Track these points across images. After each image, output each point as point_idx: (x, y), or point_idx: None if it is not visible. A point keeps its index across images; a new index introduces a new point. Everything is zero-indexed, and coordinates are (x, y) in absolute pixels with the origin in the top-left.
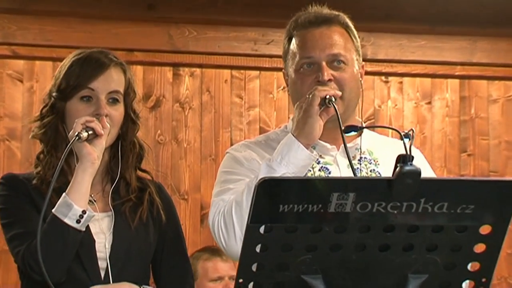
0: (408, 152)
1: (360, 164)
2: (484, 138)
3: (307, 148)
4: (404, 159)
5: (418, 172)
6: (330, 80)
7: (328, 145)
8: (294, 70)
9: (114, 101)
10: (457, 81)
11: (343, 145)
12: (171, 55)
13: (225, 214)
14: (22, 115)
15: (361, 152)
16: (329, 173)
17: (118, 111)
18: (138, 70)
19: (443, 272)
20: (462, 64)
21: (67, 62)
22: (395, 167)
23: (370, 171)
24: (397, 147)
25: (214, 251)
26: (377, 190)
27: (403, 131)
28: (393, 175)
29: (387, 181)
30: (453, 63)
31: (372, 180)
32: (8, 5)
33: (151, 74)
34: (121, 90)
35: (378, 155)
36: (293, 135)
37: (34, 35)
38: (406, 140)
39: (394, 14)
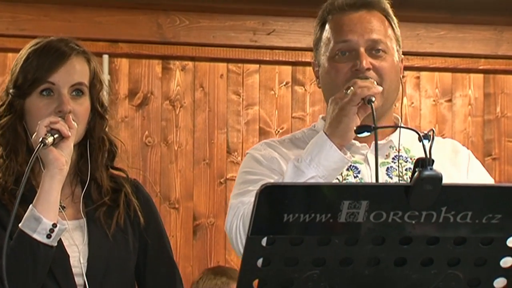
0: (428, 155)
1: (394, 163)
2: (510, 140)
3: (340, 149)
4: (423, 163)
5: (438, 178)
6: (369, 68)
7: (357, 142)
8: (327, 58)
9: (78, 93)
10: (481, 76)
11: (374, 142)
12: (160, 47)
13: (244, 218)
14: None
15: (396, 149)
16: (358, 172)
17: (83, 106)
18: (123, 63)
19: None
20: (486, 57)
21: (23, 53)
22: (413, 171)
23: (406, 169)
24: (440, 146)
25: (217, 272)
26: (393, 198)
27: (422, 132)
28: (411, 180)
29: (404, 187)
30: (476, 55)
31: (387, 187)
32: None
33: (138, 68)
34: (86, 81)
35: (416, 153)
36: (325, 133)
37: (6, 24)
38: (426, 142)
39: (410, 1)
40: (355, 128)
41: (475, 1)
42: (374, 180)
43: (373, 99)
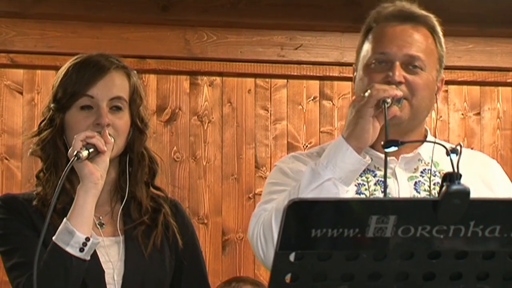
0: (456, 170)
1: (423, 177)
2: None
3: (358, 152)
4: (451, 177)
5: (467, 192)
6: (400, 82)
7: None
8: (364, 65)
9: (117, 108)
10: (509, 89)
11: (403, 155)
12: (187, 63)
13: (264, 224)
14: (22, 131)
15: (425, 163)
16: (386, 187)
17: (122, 120)
18: (151, 79)
19: None
20: None
21: (64, 68)
22: (441, 186)
23: (434, 184)
24: (469, 159)
25: (240, 281)
26: (421, 212)
27: (450, 146)
28: (439, 195)
29: (432, 202)
30: (505, 68)
31: (415, 202)
32: (6, 8)
33: (166, 84)
34: (125, 96)
35: (445, 166)
36: (342, 136)
37: (35, 41)
38: (453, 156)
39: (438, 15)
40: (382, 142)
41: (503, 14)
42: (401, 195)
43: (388, 100)
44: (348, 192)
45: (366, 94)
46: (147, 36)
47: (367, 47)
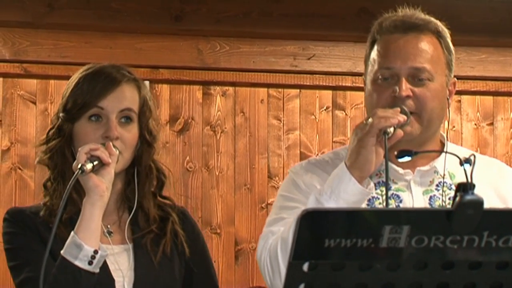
0: (470, 180)
1: (438, 190)
2: None
3: (360, 182)
4: (464, 188)
5: (480, 202)
6: (408, 96)
7: (400, 169)
8: (371, 80)
9: (127, 120)
10: None
11: (419, 168)
12: (200, 73)
13: (271, 251)
14: (35, 141)
15: (441, 176)
16: (400, 201)
17: (131, 133)
18: (164, 89)
19: None
20: None
21: (75, 78)
22: (454, 196)
23: (449, 198)
24: (486, 167)
25: None
26: (435, 223)
27: (463, 156)
28: (452, 205)
29: (445, 212)
30: None
31: (429, 212)
32: (20, 18)
33: (179, 94)
34: (135, 108)
35: (461, 178)
36: (345, 165)
37: (48, 51)
38: (467, 166)
39: (451, 25)
40: (395, 152)
41: None
42: None
43: (389, 130)
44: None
45: (369, 121)
46: (160, 46)
47: (373, 59)
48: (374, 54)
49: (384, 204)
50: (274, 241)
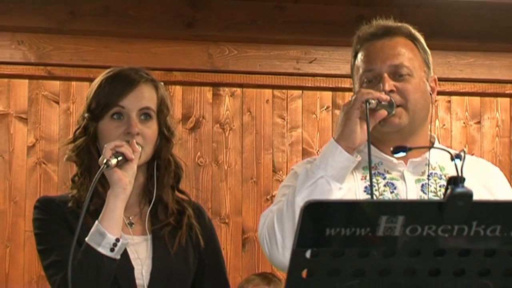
0: (460, 174)
1: (429, 180)
2: None
3: (349, 151)
4: (455, 181)
5: (470, 194)
6: (392, 91)
7: (394, 159)
8: (358, 85)
9: (146, 118)
10: (507, 99)
11: (411, 160)
12: (210, 75)
13: (268, 225)
14: (58, 138)
15: (432, 167)
16: (395, 188)
17: (151, 129)
18: (177, 90)
19: None
20: None
21: (97, 81)
22: (446, 189)
23: (440, 186)
24: (473, 164)
25: (265, 278)
26: (428, 213)
27: (454, 152)
28: (444, 197)
29: (437, 203)
30: (503, 81)
31: (422, 203)
32: (44, 24)
33: (191, 95)
34: (153, 107)
35: (450, 171)
36: (333, 139)
37: (70, 55)
38: (457, 161)
39: (441, 31)
40: (391, 148)
41: (502, 31)
42: (409, 196)
43: (372, 101)
44: (342, 190)
45: (353, 98)
46: (173, 50)
47: (357, 67)
48: (358, 62)
49: (380, 191)
50: (271, 216)
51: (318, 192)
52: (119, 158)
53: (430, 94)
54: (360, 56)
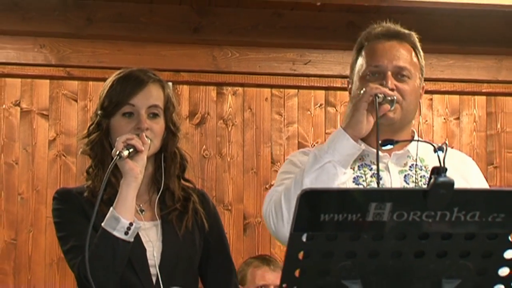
0: (442, 164)
1: (411, 170)
2: (509, 151)
3: (354, 140)
4: (438, 171)
5: (451, 183)
6: (392, 89)
7: (380, 153)
8: (359, 77)
9: (154, 115)
10: (484, 98)
11: (395, 152)
12: (215, 75)
13: (275, 202)
14: (77, 132)
15: (413, 159)
16: (380, 178)
17: (159, 124)
18: (184, 89)
19: (475, 277)
20: (489, 82)
21: (109, 81)
22: (429, 178)
23: (421, 176)
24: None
25: (264, 260)
26: (413, 200)
27: (437, 145)
28: (427, 186)
29: (422, 191)
30: (480, 81)
31: (408, 191)
32: (64, 30)
33: (197, 93)
34: (160, 104)
35: (429, 162)
36: (341, 127)
37: (87, 57)
38: (440, 153)
39: (425, 35)
40: (380, 142)
41: (479, 35)
42: (393, 185)
43: (380, 95)
44: (346, 181)
45: (362, 90)
46: (181, 53)
47: (361, 61)
48: (362, 57)
49: (367, 182)
50: (278, 195)
51: (325, 175)
52: (130, 150)
53: (419, 100)
54: (366, 51)
